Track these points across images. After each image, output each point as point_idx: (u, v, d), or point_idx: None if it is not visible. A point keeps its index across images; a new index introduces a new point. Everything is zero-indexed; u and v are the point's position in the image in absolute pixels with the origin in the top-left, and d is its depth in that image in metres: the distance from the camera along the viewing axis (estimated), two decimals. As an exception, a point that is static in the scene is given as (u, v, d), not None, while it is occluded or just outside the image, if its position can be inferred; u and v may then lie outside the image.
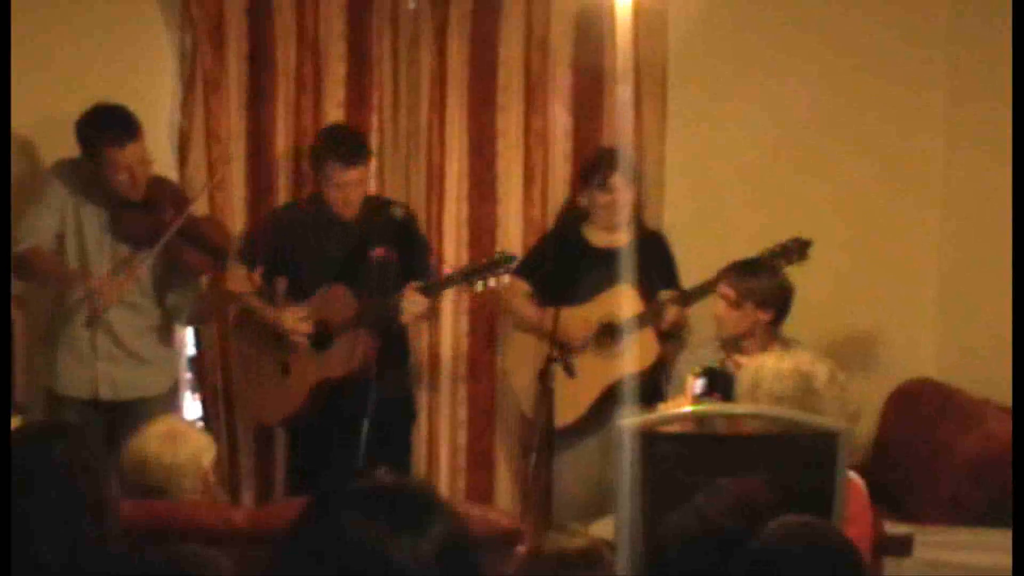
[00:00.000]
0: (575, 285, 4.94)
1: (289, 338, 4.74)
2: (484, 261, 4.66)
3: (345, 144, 4.74)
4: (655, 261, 5.03)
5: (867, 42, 5.48)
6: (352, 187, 4.72)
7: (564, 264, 4.94)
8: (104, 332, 4.62)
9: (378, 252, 4.64)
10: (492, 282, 4.63)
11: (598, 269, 4.94)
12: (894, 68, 5.50)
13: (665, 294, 4.98)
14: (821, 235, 4.84)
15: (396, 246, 4.69)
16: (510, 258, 4.66)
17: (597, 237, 5.05)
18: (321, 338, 4.76)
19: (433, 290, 4.63)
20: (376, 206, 4.86)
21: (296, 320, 4.73)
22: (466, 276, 4.64)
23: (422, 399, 5.30)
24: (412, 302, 4.58)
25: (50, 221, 4.59)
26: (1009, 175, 4.93)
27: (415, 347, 5.23)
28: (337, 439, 4.43)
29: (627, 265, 4.89)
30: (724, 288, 4.59)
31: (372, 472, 4.21)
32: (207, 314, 4.96)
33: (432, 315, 4.96)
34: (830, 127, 5.48)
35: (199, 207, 4.97)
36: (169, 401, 4.76)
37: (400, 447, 4.97)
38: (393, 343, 4.79)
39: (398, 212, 4.75)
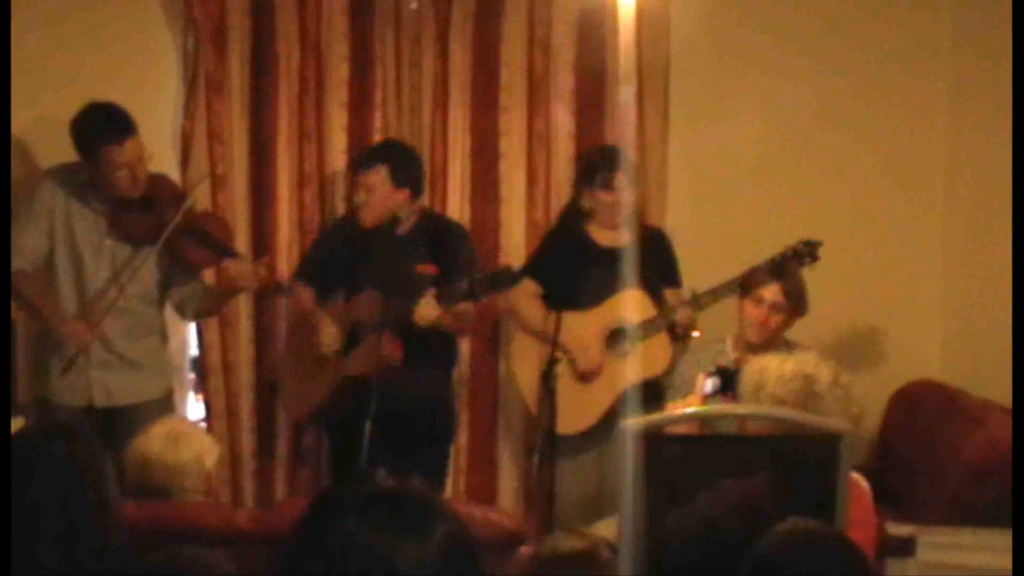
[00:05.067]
0: (582, 287, 4.93)
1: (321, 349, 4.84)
2: (491, 273, 4.66)
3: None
4: (658, 259, 5.02)
5: (870, 40, 5.48)
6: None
7: (570, 264, 4.93)
8: (98, 339, 4.61)
9: (423, 269, 4.72)
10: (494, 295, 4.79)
11: (604, 270, 4.92)
12: (897, 66, 5.50)
13: (672, 295, 4.97)
14: (824, 235, 4.84)
15: (443, 262, 4.75)
16: (518, 273, 4.70)
17: (601, 236, 5.03)
18: (350, 339, 4.80)
19: (444, 299, 4.64)
20: (430, 220, 4.94)
21: (330, 336, 4.81)
22: (471, 286, 4.58)
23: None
24: (424, 306, 4.59)
25: (37, 239, 4.57)
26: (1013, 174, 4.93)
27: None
28: (363, 438, 4.44)
29: (633, 266, 4.88)
30: (775, 294, 4.55)
31: (373, 475, 4.22)
32: (212, 309, 4.96)
33: (462, 325, 4.93)
34: (833, 126, 5.49)
35: (201, 206, 4.98)
36: (165, 405, 4.74)
37: (436, 458, 4.98)
38: (435, 346, 4.82)
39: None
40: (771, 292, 4.56)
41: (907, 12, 5.52)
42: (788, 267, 4.62)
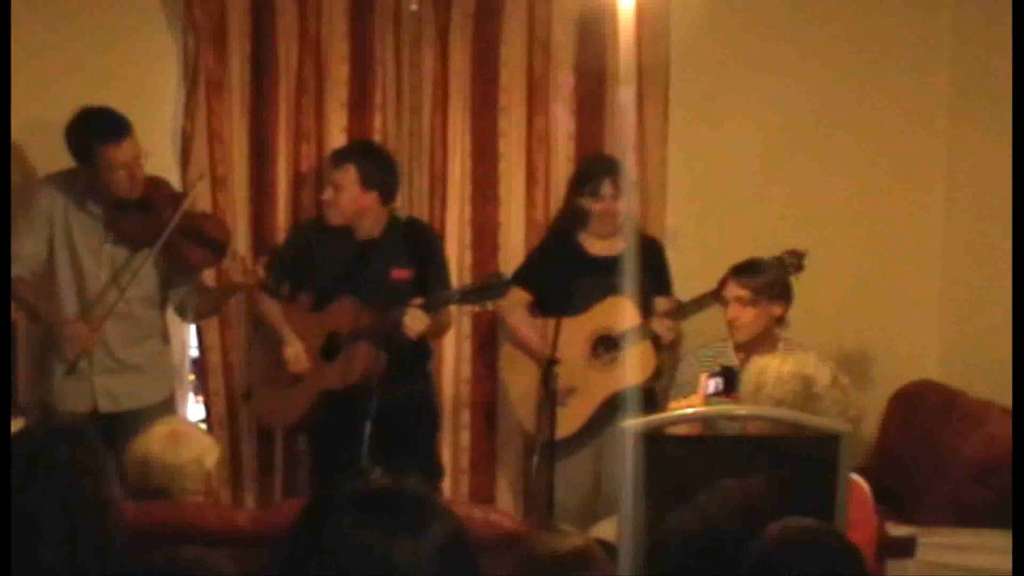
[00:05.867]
0: (572, 294, 4.93)
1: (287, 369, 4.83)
2: (481, 283, 4.69)
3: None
4: (650, 268, 5.01)
5: (870, 40, 5.49)
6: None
7: (560, 273, 4.92)
8: (100, 345, 4.61)
9: (398, 275, 4.74)
10: (489, 304, 4.80)
11: (594, 277, 4.92)
12: (897, 66, 5.50)
13: (661, 303, 4.97)
14: (824, 237, 4.85)
15: (417, 266, 4.77)
16: (507, 282, 4.69)
17: (592, 244, 5.02)
18: (329, 349, 4.79)
19: (432, 307, 4.64)
20: (401, 225, 4.91)
21: (296, 356, 4.80)
22: (462, 297, 4.66)
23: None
24: (413, 318, 4.60)
25: (36, 245, 4.58)
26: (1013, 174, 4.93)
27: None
28: (352, 447, 4.44)
29: (623, 274, 4.88)
30: (736, 290, 4.56)
31: (369, 474, 4.22)
32: (212, 309, 4.96)
33: (441, 331, 4.96)
34: (833, 126, 5.49)
35: (201, 207, 4.98)
36: (168, 408, 4.74)
37: (424, 457, 4.96)
38: (406, 355, 4.79)
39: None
40: (731, 289, 4.58)
41: (907, 12, 5.52)
42: (750, 264, 4.62)
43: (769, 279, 4.59)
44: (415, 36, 5.26)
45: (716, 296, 4.68)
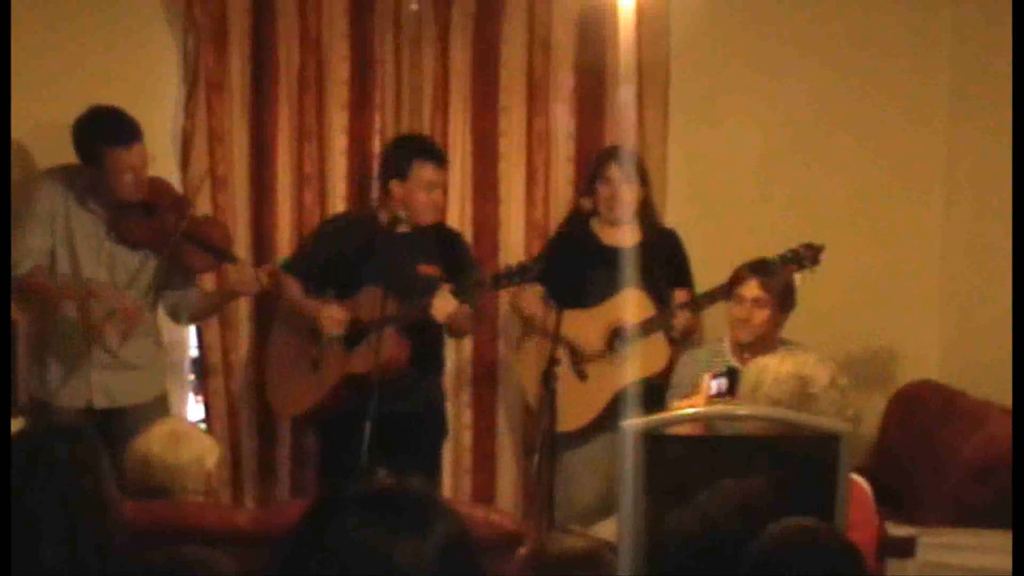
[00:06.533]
0: (587, 286, 4.93)
1: (322, 333, 4.76)
2: (511, 267, 4.69)
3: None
4: (668, 260, 5.02)
5: (870, 40, 5.49)
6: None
7: (576, 265, 4.93)
8: (96, 341, 4.61)
9: (425, 269, 4.74)
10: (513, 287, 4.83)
11: (609, 270, 4.92)
12: (897, 65, 5.51)
13: (678, 296, 4.97)
14: (824, 234, 4.84)
15: (445, 264, 4.78)
16: (532, 266, 4.69)
17: (608, 236, 5.03)
18: (351, 335, 4.78)
19: (465, 293, 4.64)
20: (431, 224, 4.90)
21: (329, 316, 4.75)
22: (496, 282, 4.67)
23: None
24: (442, 298, 4.58)
25: (42, 239, 4.57)
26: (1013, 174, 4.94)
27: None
28: (363, 439, 4.43)
29: (638, 267, 4.88)
30: (755, 290, 4.55)
31: (373, 474, 4.22)
32: (208, 313, 4.96)
33: (466, 324, 4.91)
34: (833, 126, 5.49)
35: (201, 208, 4.98)
36: (160, 404, 4.74)
37: (427, 461, 4.93)
38: (426, 350, 4.80)
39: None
40: (750, 289, 4.56)
41: (907, 11, 5.53)
42: (770, 265, 4.62)
43: (785, 283, 4.59)
44: (415, 36, 5.26)
45: (728, 291, 4.67)
